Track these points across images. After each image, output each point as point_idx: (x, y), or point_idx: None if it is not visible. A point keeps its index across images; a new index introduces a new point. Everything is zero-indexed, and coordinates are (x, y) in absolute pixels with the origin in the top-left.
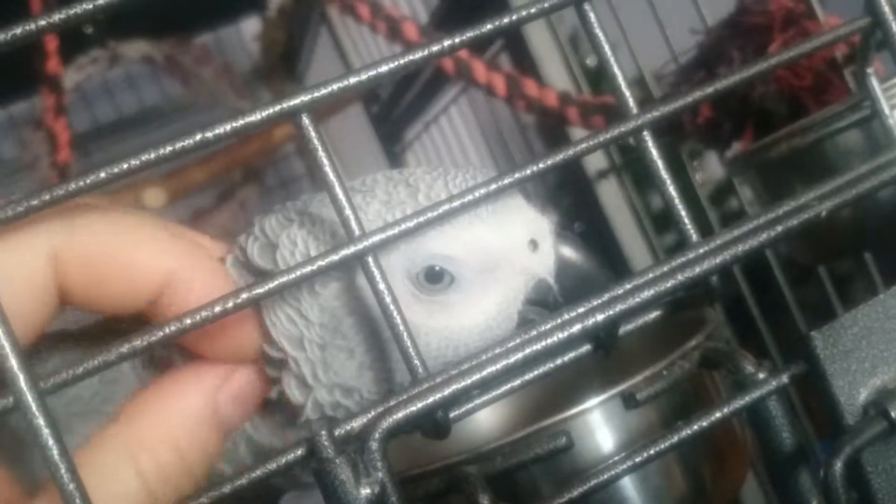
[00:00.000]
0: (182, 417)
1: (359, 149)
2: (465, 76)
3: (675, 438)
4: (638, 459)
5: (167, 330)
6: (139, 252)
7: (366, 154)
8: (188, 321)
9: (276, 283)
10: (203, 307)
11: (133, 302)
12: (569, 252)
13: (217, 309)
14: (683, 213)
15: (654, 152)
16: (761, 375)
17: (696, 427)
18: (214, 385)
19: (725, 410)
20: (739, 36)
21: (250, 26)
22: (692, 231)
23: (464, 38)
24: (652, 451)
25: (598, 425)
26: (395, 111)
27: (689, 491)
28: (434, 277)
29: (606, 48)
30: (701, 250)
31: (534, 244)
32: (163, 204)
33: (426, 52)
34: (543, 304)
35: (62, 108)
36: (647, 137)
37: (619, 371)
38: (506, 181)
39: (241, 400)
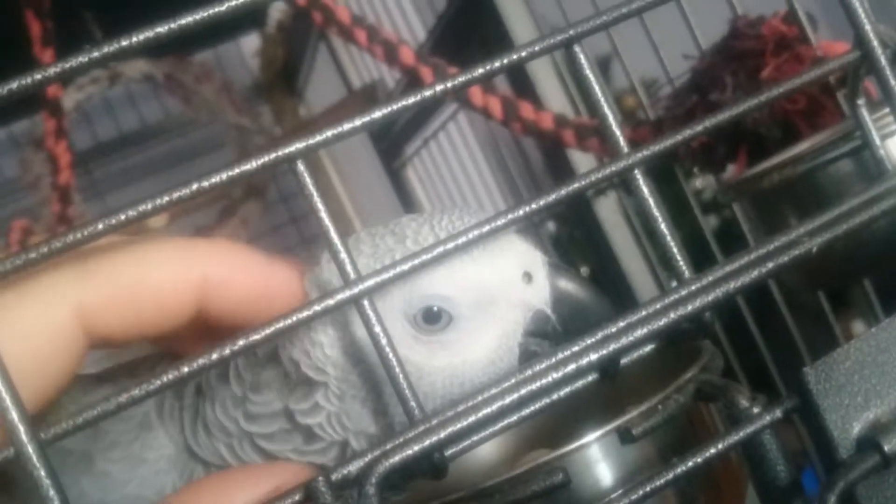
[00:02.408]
0: None
1: (359, 165)
2: (461, 100)
3: (671, 475)
4: (635, 497)
5: (164, 379)
6: (164, 269)
7: (366, 170)
8: (185, 369)
9: (271, 329)
10: (191, 359)
11: (177, 321)
12: (564, 282)
13: (206, 360)
14: (676, 249)
15: (646, 190)
16: (755, 410)
17: (691, 463)
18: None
19: (720, 446)
20: (732, 60)
21: (250, 43)
22: (685, 267)
23: (456, 82)
24: (648, 488)
25: (596, 460)
26: (394, 127)
27: None
28: (432, 318)
29: (597, 88)
30: (693, 287)
31: (528, 277)
32: (165, 223)
33: (419, 97)
34: (543, 334)
35: (62, 131)
36: (639, 176)
37: (619, 399)
38: (498, 222)
39: None
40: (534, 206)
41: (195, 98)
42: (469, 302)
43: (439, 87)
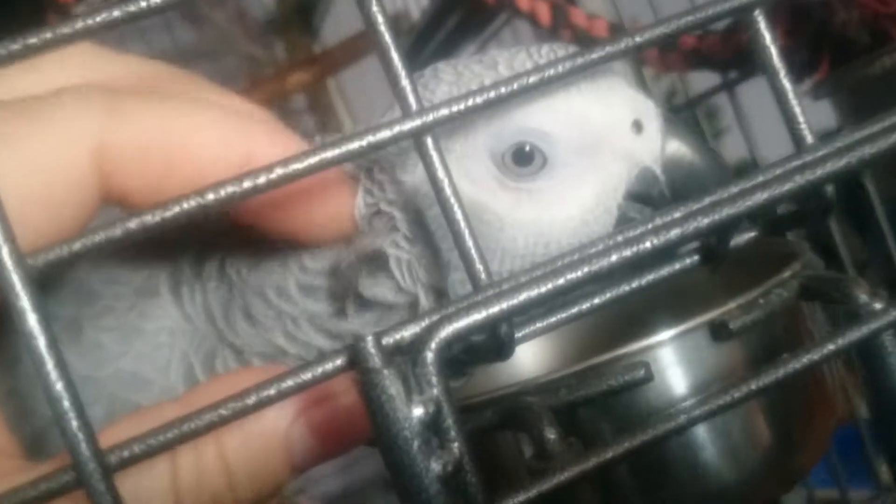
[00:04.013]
0: (246, 439)
1: (376, 105)
2: (506, 4)
3: (781, 372)
4: (726, 400)
5: (185, 205)
6: (207, 136)
7: (382, 110)
8: (210, 196)
9: (316, 158)
10: (228, 181)
11: None
12: (679, 140)
13: (236, 188)
14: (798, 109)
15: (767, 37)
16: (878, 305)
17: (803, 360)
18: (300, 407)
19: (837, 344)
20: None
21: None
22: (808, 131)
23: None
24: (753, 387)
25: (675, 361)
26: (417, 61)
27: (775, 442)
28: (524, 159)
29: None
30: (820, 153)
31: (638, 126)
32: None
33: None
34: (647, 199)
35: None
36: (760, 19)
37: (684, 314)
38: (610, 48)
39: (325, 436)
40: (657, 32)
41: (207, 25)
42: (569, 143)
43: None
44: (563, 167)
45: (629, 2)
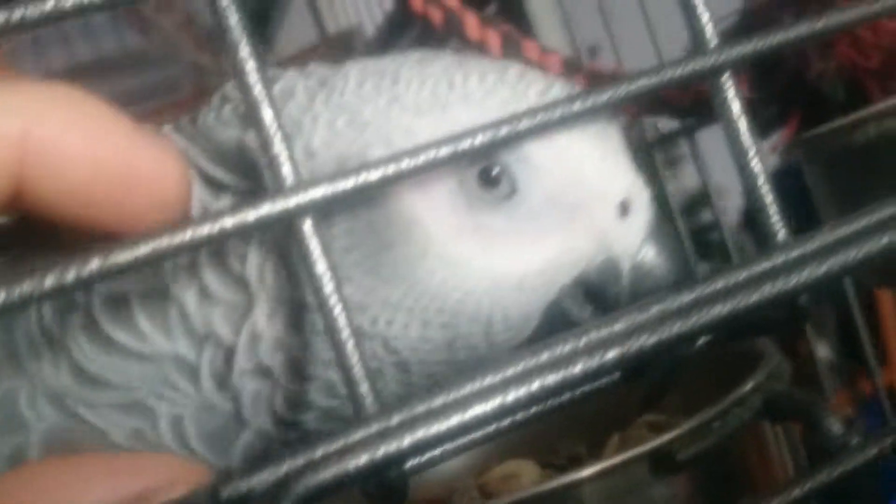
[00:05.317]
0: None
1: None
2: (454, 30)
3: None
4: None
5: None
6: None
7: None
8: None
9: (148, 247)
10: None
11: None
12: (660, 245)
13: (33, 286)
14: (770, 198)
15: (737, 106)
16: (854, 440)
17: None
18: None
19: (804, 489)
20: (794, 1)
21: None
22: (780, 225)
23: None
24: None
25: (608, 497)
26: None
27: None
28: (490, 181)
29: None
30: (794, 254)
31: (624, 208)
32: None
33: None
34: (599, 296)
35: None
36: (728, 86)
37: (623, 416)
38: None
39: None
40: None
41: (154, 30)
42: (549, 183)
43: None
44: (530, 209)
45: (587, 31)
